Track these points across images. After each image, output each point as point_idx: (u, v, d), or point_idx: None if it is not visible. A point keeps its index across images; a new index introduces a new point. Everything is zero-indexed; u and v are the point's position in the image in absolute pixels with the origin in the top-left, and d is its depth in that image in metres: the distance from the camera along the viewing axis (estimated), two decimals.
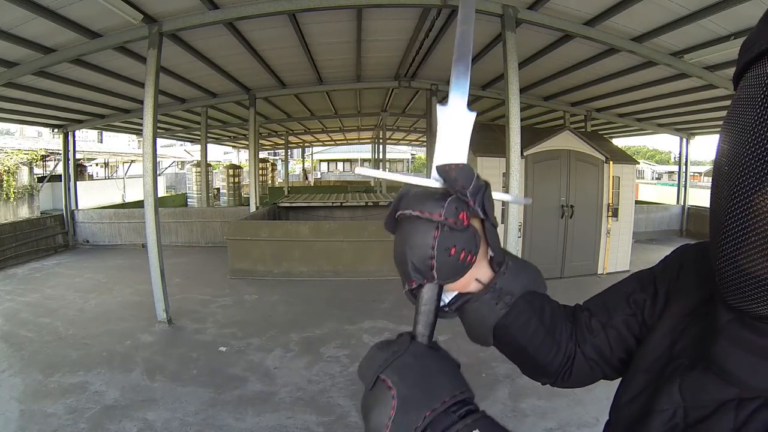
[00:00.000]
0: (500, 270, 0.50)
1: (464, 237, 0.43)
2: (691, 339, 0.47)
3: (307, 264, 6.41)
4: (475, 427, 0.39)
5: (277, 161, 22.80)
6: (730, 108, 0.39)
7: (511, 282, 0.51)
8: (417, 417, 0.39)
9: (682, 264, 0.54)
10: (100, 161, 18.64)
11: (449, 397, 0.40)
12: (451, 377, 0.42)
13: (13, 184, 10.14)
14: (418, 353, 0.43)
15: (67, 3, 3.85)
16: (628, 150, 9.79)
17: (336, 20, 5.09)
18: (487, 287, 0.50)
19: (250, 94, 8.19)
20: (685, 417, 0.42)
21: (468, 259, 0.43)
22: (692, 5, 3.94)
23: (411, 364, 0.42)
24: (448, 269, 0.43)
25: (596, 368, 0.59)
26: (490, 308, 0.50)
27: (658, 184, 28.24)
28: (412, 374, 0.41)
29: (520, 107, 4.39)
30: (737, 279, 0.37)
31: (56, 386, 3.27)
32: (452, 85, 0.47)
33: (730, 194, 0.36)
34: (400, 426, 0.39)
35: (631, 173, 6.80)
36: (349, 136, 19.49)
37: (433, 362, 0.43)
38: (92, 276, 6.63)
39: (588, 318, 0.59)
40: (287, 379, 3.42)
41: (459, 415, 0.40)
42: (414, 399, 0.39)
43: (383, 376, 0.41)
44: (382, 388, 0.41)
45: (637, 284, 0.58)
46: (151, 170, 4.41)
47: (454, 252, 0.42)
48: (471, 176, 0.42)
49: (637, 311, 0.56)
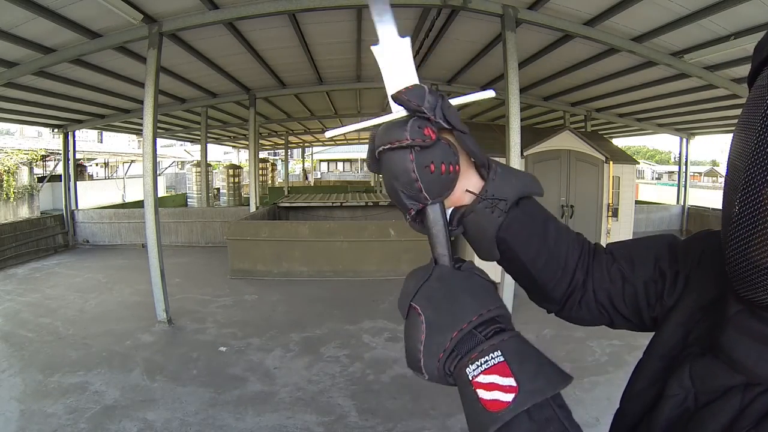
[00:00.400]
0: (489, 176, 0.49)
1: (438, 151, 0.43)
2: (706, 329, 0.48)
3: (307, 264, 6.41)
4: (498, 348, 0.38)
5: (277, 161, 22.80)
6: (744, 107, 0.41)
7: (502, 186, 0.49)
8: (444, 339, 0.40)
9: (704, 251, 0.53)
10: (100, 161, 18.64)
11: (476, 316, 0.40)
12: (477, 296, 0.42)
13: (13, 184, 10.14)
14: (442, 275, 0.44)
15: (67, 3, 3.85)
16: (628, 150, 9.80)
17: (336, 20, 5.09)
18: (479, 196, 0.49)
19: (250, 94, 8.19)
20: (696, 401, 0.44)
21: (451, 170, 0.44)
22: (692, 5, 3.94)
23: (436, 287, 0.43)
24: (435, 186, 0.44)
25: (603, 313, 0.58)
26: (487, 217, 0.49)
27: (658, 184, 28.25)
28: (437, 297, 0.42)
29: (520, 107, 4.40)
30: (747, 269, 0.39)
31: (56, 386, 3.27)
32: (376, 20, 0.47)
33: (742, 188, 0.38)
34: (429, 349, 0.40)
35: (631, 173, 6.80)
36: (349, 136, 19.48)
37: (458, 282, 0.43)
38: (92, 276, 6.63)
39: (610, 262, 0.57)
40: (287, 379, 3.42)
41: (485, 334, 0.40)
42: (439, 322, 0.40)
43: (414, 304, 0.42)
44: (413, 315, 0.42)
45: (667, 252, 0.56)
46: (151, 170, 4.41)
47: (434, 168, 0.43)
48: (422, 93, 0.43)
49: (659, 280, 0.55)
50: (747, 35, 4.17)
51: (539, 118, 11.07)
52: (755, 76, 0.41)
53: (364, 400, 3.11)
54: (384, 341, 4.14)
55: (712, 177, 33.79)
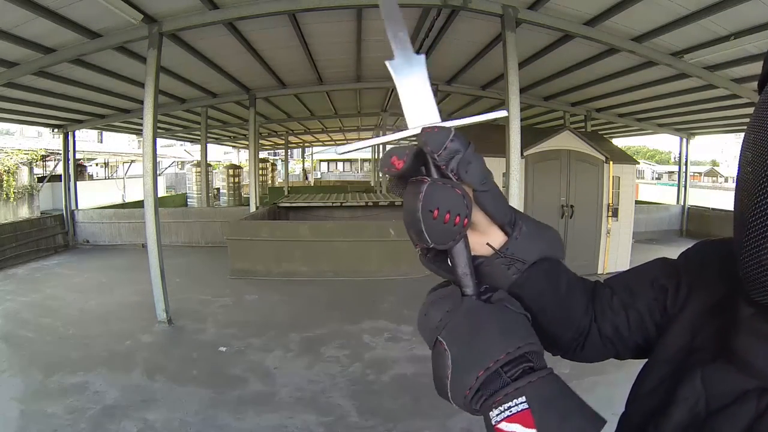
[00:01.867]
0: (512, 234, 0.49)
1: (445, 198, 0.41)
2: (712, 333, 0.47)
3: (307, 264, 6.41)
4: (523, 393, 0.37)
5: (277, 161, 22.80)
6: (755, 111, 0.41)
7: (524, 247, 0.49)
8: (469, 379, 0.39)
9: (704, 258, 0.54)
10: (100, 161, 18.64)
11: (503, 354, 0.39)
12: (506, 332, 0.41)
13: (13, 184, 10.13)
14: (469, 310, 0.42)
15: (67, 3, 3.85)
16: (628, 150, 9.79)
17: (336, 20, 5.09)
18: (497, 252, 0.49)
19: (250, 94, 8.19)
20: (707, 406, 0.43)
21: (456, 222, 0.42)
22: (692, 5, 3.94)
23: (461, 323, 0.41)
24: (437, 233, 0.42)
25: (609, 346, 0.58)
26: (502, 273, 0.49)
27: (658, 184, 28.25)
28: (463, 334, 0.41)
29: (520, 107, 4.40)
30: (760, 274, 0.38)
31: (56, 386, 3.27)
32: (391, 37, 0.47)
33: (754, 193, 0.38)
34: (455, 386, 0.40)
35: (631, 173, 6.80)
36: (349, 136, 19.48)
37: (486, 318, 0.42)
38: (92, 276, 6.63)
39: (610, 296, 0.58)
40: (287, 379, 3.42)
41: (511, 376, 0.39)
42: (465, 360, 0.40)
43: (440, 338, 0.42)
44: (439, 349, 0.41)
45: (661, 271, 0.57)
46: (151, 170, 4.41)
47: (438, 214, 0.41)
48: (442, 140, 0.41)
49: (660, 297, 0.55)
50: (747, 35, 4.17)
51: (539, 118, 11.07)
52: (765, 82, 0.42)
53: (364, 400, 3.11)
54: (384, 341, 4.14)
55: (712, 177, 33.79)
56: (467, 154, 0.43)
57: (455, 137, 0.42)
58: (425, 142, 0.42)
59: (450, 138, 0.42)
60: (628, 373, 0.64)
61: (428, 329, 0.43)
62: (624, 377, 0.40)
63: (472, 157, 0.43)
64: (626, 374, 0.57)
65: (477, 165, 0.43)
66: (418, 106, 0.45)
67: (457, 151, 0.42)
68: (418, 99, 0.46)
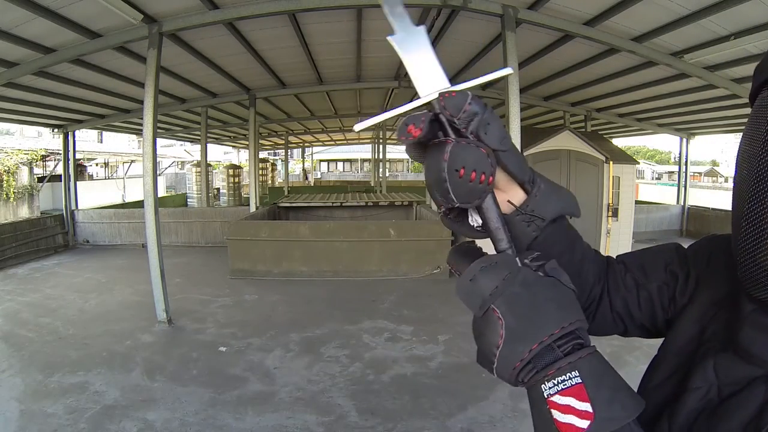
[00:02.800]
0: (532, 191, 0.50)
1: (471, 157, 0.41)
2: (721, 325, 0.49)
3: (307, 264, 6.41)
4: (576, 367, 0.38)
5: (277, 161, 22.80)
6: (747, 122, 0.44)
7: (543, 204, 0.50)
8: (523, 349, 0.39)
9: (712, 252, 0.56)
10: (100, 161, 18.63)
11: (558, 328, 0.39)
12: (561, 307, 0.41)
13: (13, 184, 10.13)
14: (527, 281, 0.42)
15: (67, 3, 3.85)
16: (628, 150, 9.80)
17: (336, 20, 5.09)
18: (518, 209, 0.50)
19: (250, 94, 8.19)
20: (719, 393, 0.45)
21: (482, 180, 0.42)
22: (692, 5, 3.94)
23: (520, 294, 0.41)
24: (462, 191, 0.42)
25: (619, 322, 0.60)
26: (522, 230, 0.50)
27: (658, 184, 28.25)
28: (521, 306, 0.41)
29: (520, 107, 4.40)
30: (757, 273, 0.41)
31: (56, 386, 3.27)
32: (388, 13, 0.47)
33: (748, 199, 0.41)
34: (505, 357, 0.40)
35: (631, 173, 6.80)
36: (349, 136, 19.49)
37: (543, 291, 0.42)
38: (92, 276, 6.63)
39: (623, 271, 0.60)
40: (287, 379, 3.42)
41: (564, 350, 0.40)
42: (521, 331, 0.40)
43: (494, 306, 0.41)
44: (491, 317, 0.41)
45: (675, 257, 0.59)
46: (151, 170, 4.41)
47: (464, 173, 0.41)
48: (460, 105, 0.42)
49: (671, 283, 0.57)
50: (747, 35, 4.17)
51: (539, 118, 11.07)
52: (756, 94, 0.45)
53: (364, 400, 3.11)
54: (384, 341, 4.14)
55: (712, 177, 33.78)
56: (486, 116, 0.43)
57: (473, 100, 0.42)
58: (444, 106, 0.42)
59: (468, 101, 0.42)
60: (628, 372, 0.64)
61: (478, 296, 0.42)
62: (625, 376, 0.40)
63: (491, 118, 0.43)
64: (627, 374, 0.58)
65: (496, 125, 0.44)
66: (427, 75, 0.46)
67: (475, 113, 0.42)
68: (425, 68, 0.46)
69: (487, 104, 0.44)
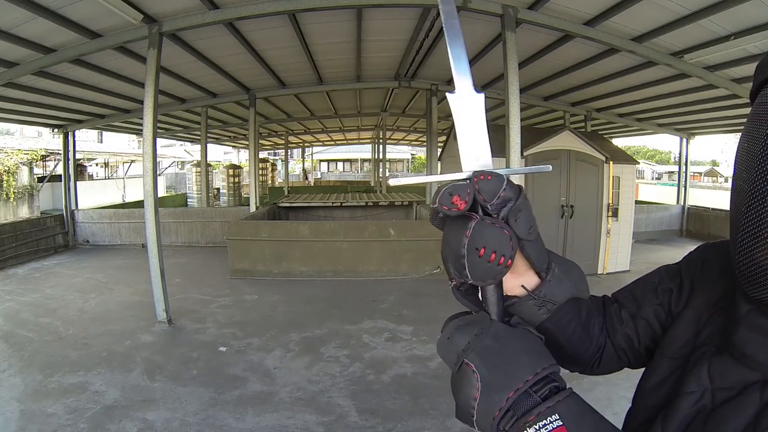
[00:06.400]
0: (546, 278, 0.51)
1: (494, 238, 0.42)
2: (716, 328, 0.50)
3: (307, 264, 6.41)
4: (555, 411, 0.39)
5: (277, 161, 22.80)
6: (747, 121, 0.44)
7: (555, 289, 0.52)
8: (499, 398, 0.40)
9: (706, 259, 0.58)
10: (100, 161, 18.63)
11: (532, 374, 0.41)
12: (532, 355, 0.42)
13: (13, 184, 10.13)
14: (498, 334, 0.43)
15: (67, 3, 3.85)
16: (628, 150, 9.79)
17: (336, 20, 5.09)
18: (530, 293, 0.51)
19: (250, 94, 8.19)
20: (713, 398, 0.45)
21: (500, 262, 0.43)
22: (692, 5, 3.93)
23: (491, 346, 0.42)
24: (479, 270, 0.43)
25: (623, 357, 0.61)
26: (533, 313, 0.52)
27: (658, 184, 28.24)
28: (493, 357, 0.42)
29: (520, 107, 4.39)
30: (754, 272, 0.41)
31: (56, 386, 3.27)
32: (455, 70, 0.47)
33: (747, 197, 0.41)
34: (484, 408, 0.40)
35: (631, 173, 6.79)
36: (349, 136, 19.49)
37: (513, 341, 0.43)
38: (92, 276, 6.63)
39: (618, 309, 0.62)
40: (287, 379, 3.42)
41: (541, 395, 0.40)
42: (496, 381, 0.41)
43: (467, 360, 0.42)
44: (466, 371, 0.42)
45: (664, 275, 0.61)
46: (151, 170, 4.41)
47: (483, 253, 0.42)
48: (496, 189, 0.42)
49: (664, 300, 0.58)
50: (747, 35, 4.16)
51: (539, 118, 11.06)
52: (756, 93, 0.44)
53: (364, 400, 3.11)
54: (384, 341, 4.14)
55: (712, 177, 33.77)
56: (518, 203, 0.44)
57: (508, 186, 0.43)
58: (479, 190, 0.42)
59: (503, 187, 0.43)
60: (627, 373, 0.64)
61: (453, 352, 0.44)
62: (623, 377, 0.40)
63: (523, 204, 0.44)
64: (625, 374, 0.58)
65: (526, 213, 0.44)
66: (474, 147, 0.46)
67: (509, 199, 0.43)
68: (474, 139, 0.47)
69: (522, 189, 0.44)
